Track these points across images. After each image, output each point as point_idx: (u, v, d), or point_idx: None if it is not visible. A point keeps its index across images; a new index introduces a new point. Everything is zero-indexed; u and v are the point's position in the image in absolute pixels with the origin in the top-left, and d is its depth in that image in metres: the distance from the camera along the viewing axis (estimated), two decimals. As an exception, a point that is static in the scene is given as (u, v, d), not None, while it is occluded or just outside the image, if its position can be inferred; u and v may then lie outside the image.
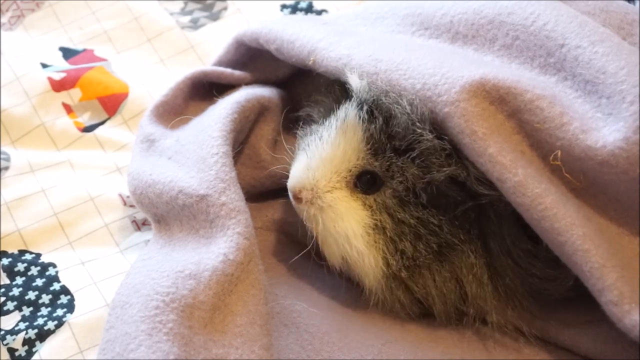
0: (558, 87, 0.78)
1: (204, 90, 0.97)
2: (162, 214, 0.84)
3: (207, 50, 1.16)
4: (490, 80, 0.76)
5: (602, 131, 0.72)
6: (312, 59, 0.87)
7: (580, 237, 0.70)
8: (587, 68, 0.76)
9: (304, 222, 0.84)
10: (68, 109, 1.09)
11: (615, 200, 0.74)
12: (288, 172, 0.86)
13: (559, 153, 0.74)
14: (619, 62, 0.74)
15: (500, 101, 0.76)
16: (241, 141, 0.92)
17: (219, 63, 1.00)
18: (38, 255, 0.93)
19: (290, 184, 0.83)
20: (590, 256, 0.70)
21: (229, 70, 0.98)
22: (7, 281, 0.90)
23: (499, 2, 0.85)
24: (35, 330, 0.85)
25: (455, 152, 0.77)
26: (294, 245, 0.93)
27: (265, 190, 0.95)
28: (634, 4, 1.01)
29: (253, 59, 0.97)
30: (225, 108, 0.89)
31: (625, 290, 0.69)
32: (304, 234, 0.86)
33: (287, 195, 0.93)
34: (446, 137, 0.77)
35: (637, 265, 0.72)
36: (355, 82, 0.81)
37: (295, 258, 0.87)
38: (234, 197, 0.80)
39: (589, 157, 0.72)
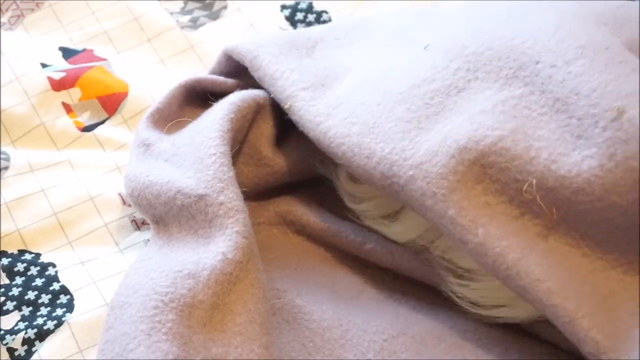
0: (522, 103, 0.76)
1: (198, 97, 0.97)
2: (161, 214, 0.84)
3: (207, 50, 1.16)
4: (452, 136, 0.75)
5: (571, 155, 0.72)
6: (289, 104, 0.88)
7: (545, 294, 0.69)
8: (561, 87, 0.75)
9: None
10: (68, 108, 1.09)
11: (587, 235, 0.73)
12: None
13: (534, 181, 0.72)
14: (592, 83, 0.73)
15: (460, 152, 0.75)
16: (240, 141, 0.92)
17: (212, 74, 1.01)
18: (38, 255, 0.93)
19: None
20: (558, 311, 0.69)
21: (222, 78, 0.98)
22: (7, 281, 0.91)
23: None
24: (35, 330, 0.85)
25: None
26: (296, 237, 0.93)
27: (269, 188, 0.95)
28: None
29: (244, 70, 0.97)
30: (221, 110, 0.89)
31: (599, 339, 0.68)
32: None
33: (290, 191, 0.94)
34: None
35: (612, 304, 0.70)
36: None
37: None
38: (232, 197, 0.80)
39: (563, 186, 0.71)
